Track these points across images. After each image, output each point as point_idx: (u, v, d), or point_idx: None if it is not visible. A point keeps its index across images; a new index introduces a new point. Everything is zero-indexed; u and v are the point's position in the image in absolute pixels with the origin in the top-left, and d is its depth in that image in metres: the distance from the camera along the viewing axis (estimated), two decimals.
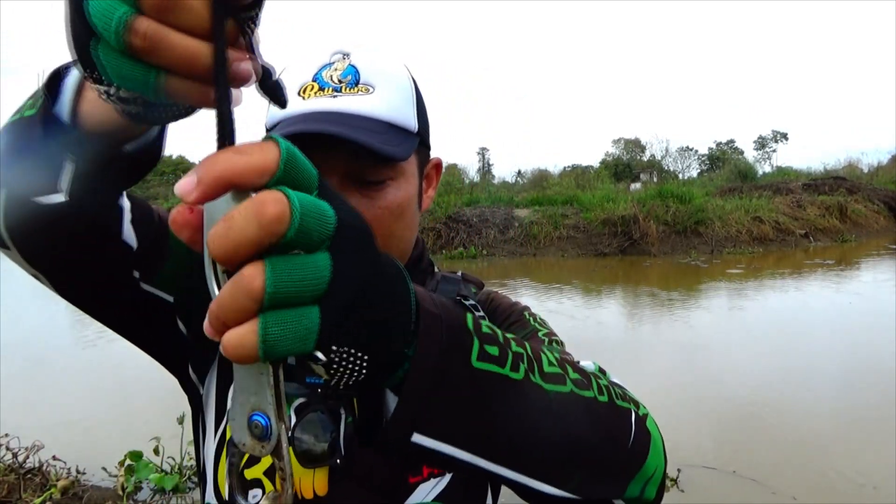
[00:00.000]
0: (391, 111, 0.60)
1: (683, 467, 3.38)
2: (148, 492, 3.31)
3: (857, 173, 23.31)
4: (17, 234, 0.53)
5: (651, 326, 7.15)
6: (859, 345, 5.85)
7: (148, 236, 0.60)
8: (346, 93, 0.59)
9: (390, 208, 0.61)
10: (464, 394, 0.38)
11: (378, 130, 0.58)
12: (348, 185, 0.59)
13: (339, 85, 0.59)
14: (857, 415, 4.17)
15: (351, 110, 0.58)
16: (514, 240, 14.09)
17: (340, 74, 0.59)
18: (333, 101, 0.58)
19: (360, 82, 0.59)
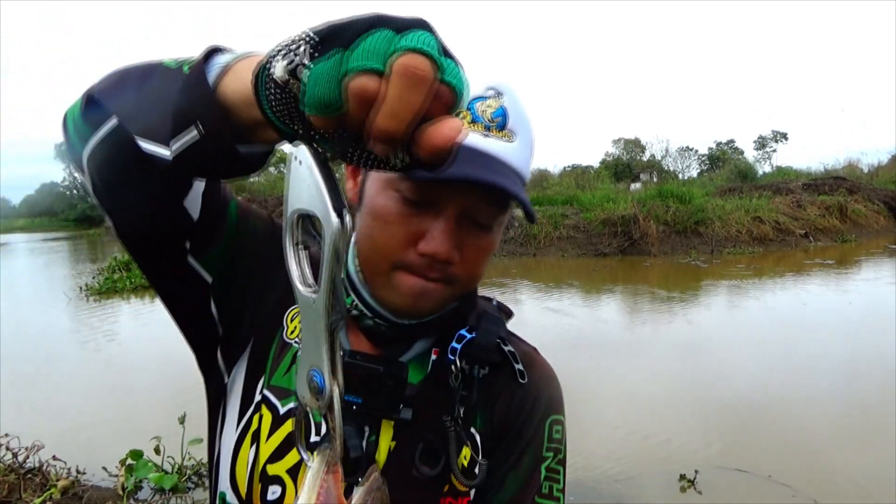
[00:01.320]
0: (522, 163, 0.62)
1: (694, 469, 3.37)
2: (148, 491, 3.31)
3: (857, 173, 23.29)
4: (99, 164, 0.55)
5: (651, 326, 7.15)
6: (859, 345, 5.85)
7: (211, 213, 0.62)
8: (495, 134, 0.60)
9: (488, 250, 0.64)
10: None
11: (514, 180, 0.61)
12: (464, 222, 0.61)
13: (491, 124, 0.60)
14: (858, 414, 4.17)
15: (498, 154, 0.60)
16: (514, 240, 14.09)
17: (492, 113, 0.61)
18: (483, 141, 0.60)
19: (507, 127, 0.61)
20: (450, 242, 0.59)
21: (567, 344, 6.27)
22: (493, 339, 0.68)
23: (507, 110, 0.61)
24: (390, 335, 0.66)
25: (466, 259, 0.61)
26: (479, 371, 0.65)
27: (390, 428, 0.63)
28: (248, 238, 0.66)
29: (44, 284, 13.29)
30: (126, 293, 10.34)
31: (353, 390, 0.61)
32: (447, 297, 0.64)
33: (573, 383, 4.95)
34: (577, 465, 3.50)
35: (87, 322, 8.07)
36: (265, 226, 0.69)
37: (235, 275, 0.67)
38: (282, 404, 0.65)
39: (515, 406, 0.69)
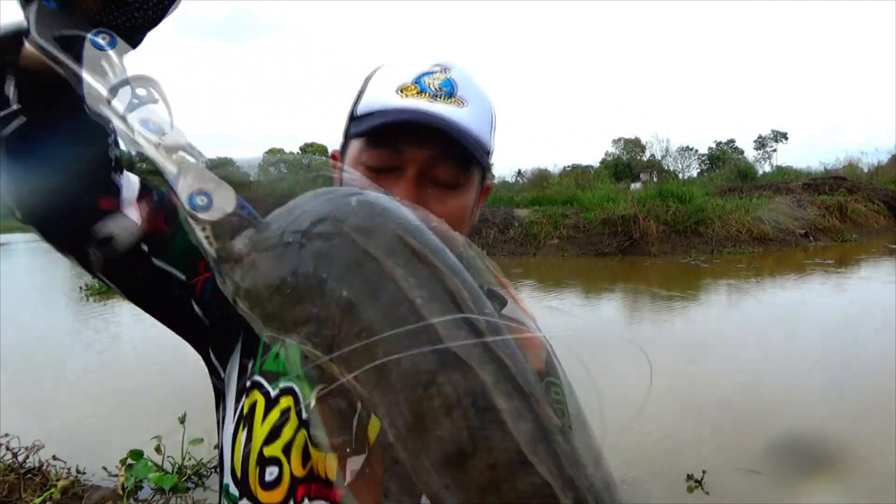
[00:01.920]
0: (478, 127, 0.65)
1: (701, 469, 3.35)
2: (148, 491, 3.31)
3: (857, 173, 23.31)
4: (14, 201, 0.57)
5: (651, 326, 7.15)
6: (860, 345, 5.85)
7: (156, 211, 0.63)
8: (443, 101, 0.63)
9: (456, 212, 0.66)
10: None
11: (468, 139, 0.62)
12: (423, 182, 0.64)
13: (438, 93, 0.63)
14: (859, 414, 4.17)
15: (446, 115, 0.62)
16: (514, 239, 14.09)
17: (439, 83, 0.64)
18: (430, 105, 0.62)
19: (456, 95, 0.64)
20: (409, 200, 0.57)
21: (567, 344, 6.27)
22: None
23: (455, 81, 0.65)
24: None
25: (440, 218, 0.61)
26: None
27: None
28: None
29: (44, 284, 13.28)
30: None
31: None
32: None
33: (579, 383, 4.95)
34: (628, 464, 3.51)
35: (87, 322, 8.08)
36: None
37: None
38: (273, 387, 0.64)
39: None
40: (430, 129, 0.60)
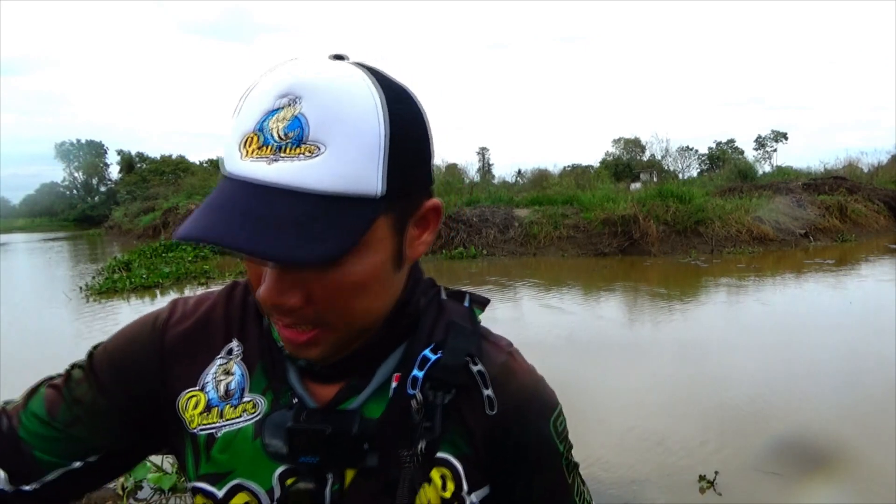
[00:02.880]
0: (342, 179, 0.48)
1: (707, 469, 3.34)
2: (149, 491, 3.31)
3: (857, 173, 23.25)
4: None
5: (651, 326, 7.15)
6: (859, 345, 5.85)
7: (3, 453, 0.60)
8: (288, 154, 0.47)
9: (344, 287, 0.52)
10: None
11: (311, 217, 0.47)
12: (289, 268, 0.52)
13: (283, 143, 0.47)
14: (864, 414, 4.17)
15: (286, 183, 0.47)
16: (514, 239, 14.09)
17: (285, 127, 0.48)
18: (269, 169, 0.47)
19: (307, 140, 0.47)
20: (273, 287, 0.51)
21: (569, 344, 6.27)
22: (461, 357, 0.60)
23: (306, 118, 0.48)
24: (334, 372, 0.60)
25: (318, 300, 0.52)
26: (443, 397, 0.58)
27: (353, 471, 0.59)
28: (70, 413, 0.62)
29: (44, 284, 13.28)
30: (126, 293, 10.34)
31: (307, 451, 0.57)
32: (334, 341, 0.56)
33: (579, 383, 4.94)
34: (591, 464, 3.50)
35: (88, 322, 8.08)
36: (93, 375, 0.65)
37: (97, 437, 0.63)
38: (217, 488, 0.61)
39: (499, 430, 0.62)
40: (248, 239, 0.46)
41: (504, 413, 0.62)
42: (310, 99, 0.48)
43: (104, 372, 0.64)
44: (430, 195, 0.58)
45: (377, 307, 0.57)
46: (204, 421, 0.62)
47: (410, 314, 0.63)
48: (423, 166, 0.56)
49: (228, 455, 0.61)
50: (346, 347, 0.58)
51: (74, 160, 60.94)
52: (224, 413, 0.62)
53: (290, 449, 0.57)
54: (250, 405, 0.61)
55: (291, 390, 0.61)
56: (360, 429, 0.57)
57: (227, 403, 0.62)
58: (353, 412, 0.59)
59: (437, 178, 20.26)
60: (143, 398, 0.63)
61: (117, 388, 0.63)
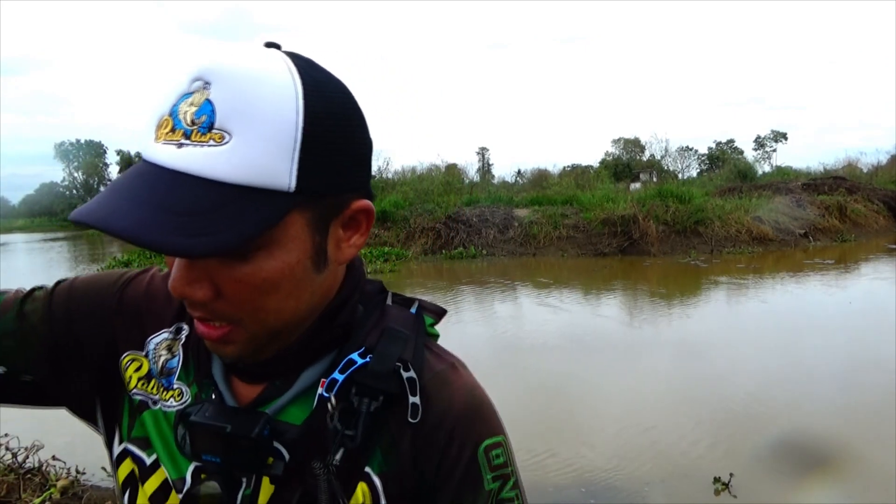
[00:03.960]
0: (248, 169, 0.46)
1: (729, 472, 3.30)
2: None
3: (857, 173, 23.29)
4: None
5: (651, 326, 7.15)
6: (859, 344, 5.85)
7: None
8: (195, 141, 0.46)
9: (253, 283, 0.50)
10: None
11: (209, 207, 0.45)
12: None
13: (191, 128, 0.46)
14: (860, 414, 4.17)
15: (190, 170, 0.45)
16: (513, 239, 14.09)
17: (196, 112, 0.46)
18: (177, 154, 0.46)
19: (215, 127, 0.45)
20: (184, 277, 0.50)
21: (570, 344, 6.27)
22: (391, 363, 0.56)
23: (214, 104, 0.46)
24: (260, 372, 0.59)
25: (227, 295, 0.51)
26: (369, 404, 0.54)
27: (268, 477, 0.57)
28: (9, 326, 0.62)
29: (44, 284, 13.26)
30: None
31: (207, 449, 0.54)
32: (248, 339, 0.54)
33: (583, 384, 4.95)
34: (604, 466, 3.50)
35: None
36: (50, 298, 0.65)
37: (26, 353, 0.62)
38: (147, 455, 0.60)
39: (423, 442, 0.57)
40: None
41: (431, 426, 0.57)
42: (220, 84, 0.46)
43: (59, 304, 0.64)
44: (364, 196, 0.56)
45: (291, 308, 0.54)
46: (142, 387, 0.62)
47: (343, 322, 0.59)
48: (352, 165, 0.53)
49: (154, 432, 0.60)
50: (265, 349, 0.56)
51: (74, 160, 61.00)
52: (158, 390, 0.62)
53: (192, 444, 0.55)
54: (177, 393, 0.61)
55: (214, 385, 0.59)
56: (272, 433, 0.55)
57: (161, 381, 0.62)
58: (260, 414, 0.56)
59: (436, 178, 20.55)
60: (80, 342, 0.63)
61: (62, 323, 0.63)
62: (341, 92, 0.52)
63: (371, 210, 0.56)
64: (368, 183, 0.56)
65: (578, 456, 3.66)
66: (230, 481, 0.55)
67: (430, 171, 22.60)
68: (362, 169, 0.55)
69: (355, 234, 0.56)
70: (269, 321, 0.53)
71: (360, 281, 0.62)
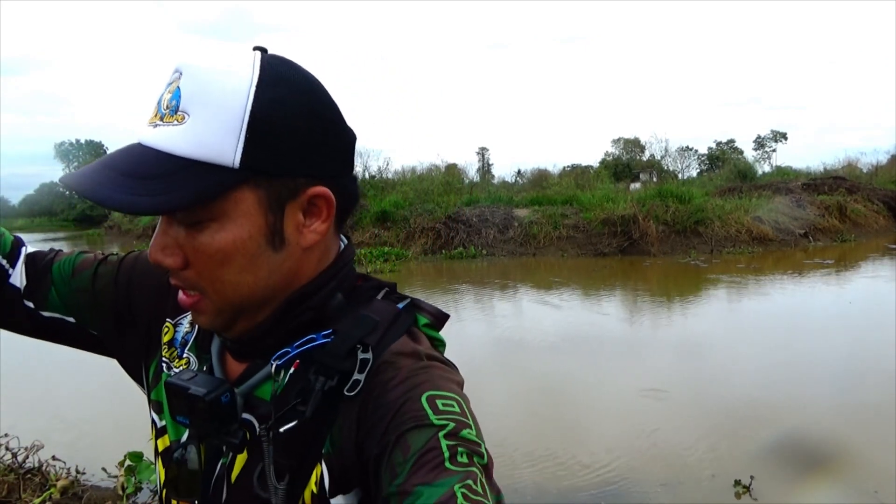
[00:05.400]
0: (196, 145, 0.52)
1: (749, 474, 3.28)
2: (148, 492, 3.31)
3: (857, 173, 23.28)
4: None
5: (650, 326, 7.15)
6: (859, 344, 5.85)
7: (34, 279, 0.73)
8: (166, 122, 0.54)
9: (208, 252, 0.55)
10: None
11: (159, 174, 0.52)
12: (175, 224, 0.56)
13: (165, 111, 0.54)
14: (861, 414, 4.17)
15: (156, 144, 0.53)
16: (513, 239, 14.09)
17: (168, 98, 0.55)
18: (151, 133, 0.55)
19: (179, 109, 0.53)
20: (158, 244, 0.57)
21: (566, 343, 6.27)
22: (349, 344, 0.57)
23: (182, 90, 0.54)
24: (244, 350, 0.63)
25: (193, 263, 0.56)
26: (324, 383, 0.55)
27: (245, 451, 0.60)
28: (86, 281, 0.74)
29: None
30: None
31: (180, 410, 0.59)
32: (216, 310, 0.58)
33: (585, 385, 4.94)
34: (619, 466, 3.50)
35: None
36: (119, 265, 0.76)
37: (94, 310, 0.74)
38: (159, 418, 0.68)
39: (364, 418, 0.55)
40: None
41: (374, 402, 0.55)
42: (188, 75, 0.54)
43: (124, 272, 0.75)
44: (330, 185, 0.58)
45: (249, 283, 0.57)
46: (164, 353, 0.70)
47: (314, 305, 0.61)
48: (307, 151, 0.56)
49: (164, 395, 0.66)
50: (234, 324, 0.60)
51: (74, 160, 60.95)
52: (173, 357, 0.69)
53: (168, 403, 0.61)
54: (185, 362, 0.68)
55: (210, 359, 0.66)
56: (246, 406, 0.60)
57: (178, 350, 0.70)
58: (223, 381, 0.59)
59: (436, 178, 20.53)
60: (135, 307, 0.73)
61: (124, 288, 0.73)
62: (304, 85, 0.57)
63: (329, 197, 0.58)
64: (343, 173, 0.60)
65: (583, 457, 3.65)
66: (211, 450, 0.61)
67: (430, 171, 22.60)
68: (324, 157, 0.58)
69: (317, 221, 0.59)
70: (227, 293, 0.58)
71: (342, 271, 0.63)
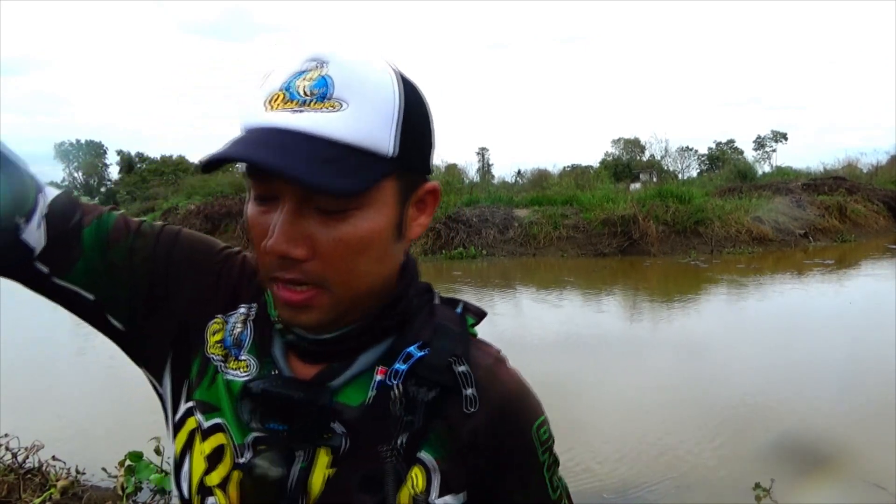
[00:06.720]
0: (359, 132, 0.53)
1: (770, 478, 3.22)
2: (148, 492, 3.31)
3: (857, 173, 23.24)
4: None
5: (651, 326, 7.15)
6: (859, 344, 5.85)
7: (60, 240, 0.62)
8: (312, 108, 0.53)
9: (349, 241, 0.55)
10: None
11: (332, 158, 0.52)
12: (306, 210, 0.54)
13: (308, 98, 0.53)
14: (861, 414, 4.17)
15: (309, 129, 0.52)
16: (513, 240, 14.08)
17: (311, 85, 0.53)
18: (293, 118, 0.52)
19: (331, 97, 0.53)
20: (284, 235, 0.54)
21: (566, 344, 6.27)
22: (445, 358, 0.61)
23: (330, 78, 0.53)
24: (320, 351, 0.62)
25: (323, 254, 0.55)
26: (426, 394, 0.59)
27: (327, 455, 0.60)
28: (122, 256, 0.65)
29: None
30: None
31: (276, 417, 0.58)
32: (329, 305, 0.57)
33: (585, 385, 4.94)
34: (628, 467, 3.50)
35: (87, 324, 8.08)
36: (155, 241, 0.67)
37: (121, 291, 0.66)
38: (205, 419, 0.63)
39: (481, 432, 0.62)
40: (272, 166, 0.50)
41: (485, 415, 0.62)
42: (335, 64, 0.54)
43: (162, 249, 0.67)
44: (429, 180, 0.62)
45: (376, 273, 0.59)
46: (217, 352, 0.65)
47: (402, 311, 0.64)
48: (426, 149, 0.60)
49: (225, 398, 0.63)
50: (341, 319, 0.59)
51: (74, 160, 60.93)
52: (228, 358, 0.65)
53: (259, 412, 0.58)
54: (244, 364, 0.64)
55: (274, 363, 0.63)
56: (332, 407, 0.59)
57: (232, 351, 0.65)
58: (325, 387, 0.60)
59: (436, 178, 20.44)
60: (171, 290, 0.66)
61: (162, 266, 0.66)
62: (420, 89, 0.60)
63: (438, 191, 0.63)
64: (431, 170, 0.64)
65: (589, 457, 3.64)
66: (288, 453, 0.59)
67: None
68: (431, 155, 0.62)
69: (422, 215, 0.63)
70: (355, 284, 0.58)
71: (414, 276, 0.67)
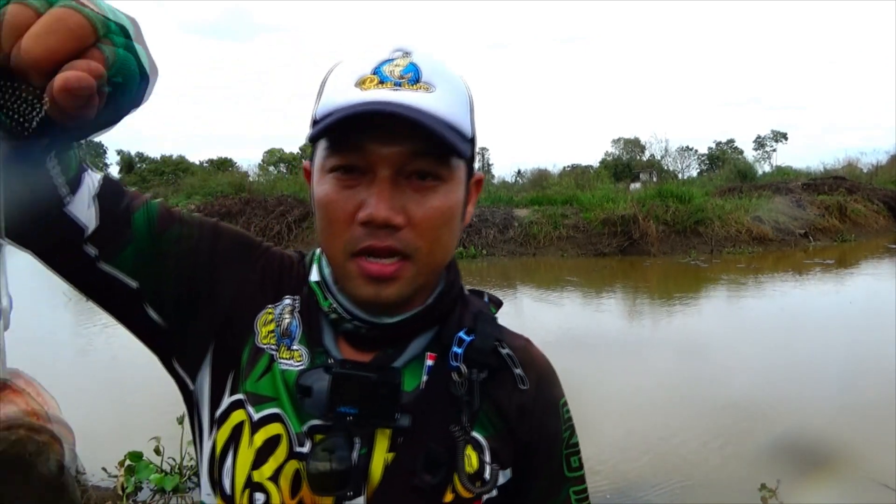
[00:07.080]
0: (450, 113, 0.59)
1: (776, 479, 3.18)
2: (148, 492, 3.31)
3: (857, 173, 23.26)
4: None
5: (651, 326, 7.15)
6: (859, 345, 5.85)
7: (111, 222, 0.60)
8: (407, 88, 0.57)
9: (440, 210, 0.60)
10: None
11: (438, 129, 0.56)
12: (401, 181, 0.58)
13: (401, 80, 0.58)
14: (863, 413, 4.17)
15: (413, 104, 0.56)
16: (513, 240, 14.08)
17: (402, 70, 0.58)
18: (394, 94, 0.57)
19: (422, 80, 0.58)
20: (386, 203, 0.56)
21: (566, 344, 6.27)
22: (491, 341, 0.66)
23: (418, 66, 0.59)
24: (376, 338, 0.64)
25: (417, 223, 0.58)
26: (478, 375, 0.64)
27: (386, 439, 0.61)
28: (171, 244, 0.64)
29: (43, 284, 13.27)
30: None
31: (346, 401, 0.59)
32: (412, 277, 0.60)
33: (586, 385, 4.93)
34: (632, 466, 3.50)
35: (87, 321, 8.07)
36: (199, 231, 0.66)
37: (165, 280, 0.64)
38: (256, 410, 0.62)
39: (527, 408, 0.68)
40: (399, 121, 0.55)
41: (529, 392, 0.68)
42: (418, 55, 0.60)
43: (205, 239, 0.66)
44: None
45: (450, 248, 0.64)
46: (266, 341, 0.65)
47: (453, 299, 0.69)
48: (476, 142, 0.66)
49: (282, 387, 0.63)
50: (413, 294, 0.62)
51: None
52: (280, 348, 0.65)
53: (331, 396, 0.59)
54: (297, 354, 0.65)
55: (326, 352, 0.64)
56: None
57: (284, 341, 0.65)
58: (395, 368, 0.63)
59: None
60: (216, 281, 0.66)
61: (206, 256, 0.66)
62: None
63: (482, 181, 0.69)
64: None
65: (594, 457, 3.62)
66: (349, 440, 0.60)
67: None
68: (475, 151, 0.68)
69: (470, 203, 0.67)
70: (438, 255, 0.62)
71: (458, 270, 0.72)
